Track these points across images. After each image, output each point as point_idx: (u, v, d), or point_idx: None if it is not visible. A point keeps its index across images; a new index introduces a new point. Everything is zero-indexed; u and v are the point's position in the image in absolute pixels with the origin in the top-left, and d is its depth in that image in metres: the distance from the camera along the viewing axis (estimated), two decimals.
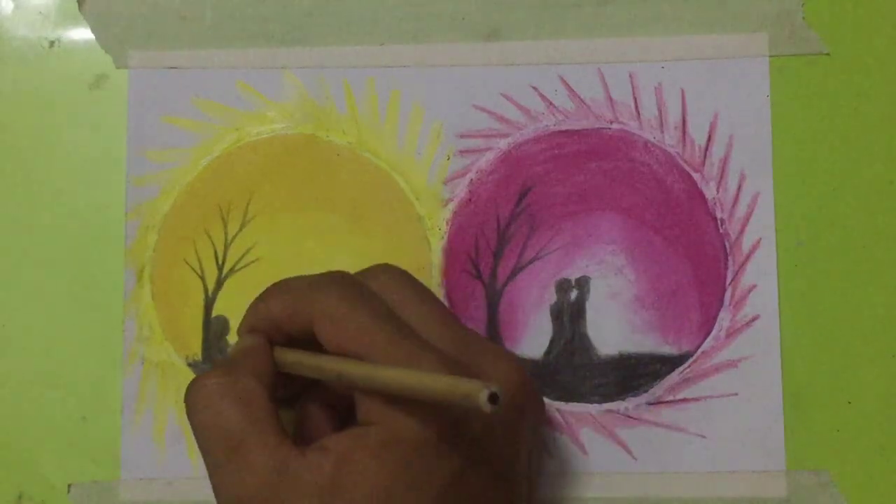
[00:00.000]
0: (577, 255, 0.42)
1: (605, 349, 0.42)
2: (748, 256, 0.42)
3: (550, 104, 0.43)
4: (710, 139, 0.42)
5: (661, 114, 0.43)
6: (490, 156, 0.43)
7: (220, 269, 0.43)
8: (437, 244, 0.43)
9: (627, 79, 0.43)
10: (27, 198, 0.44)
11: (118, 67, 0.44)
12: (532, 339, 0.42)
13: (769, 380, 0.41)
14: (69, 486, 0.42)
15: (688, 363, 0.42)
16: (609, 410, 0.42)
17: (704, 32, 0.43)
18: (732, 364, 0.41)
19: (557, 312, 0.42)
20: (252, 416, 0.33)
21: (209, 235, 0.43)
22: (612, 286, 0.42)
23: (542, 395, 0.41)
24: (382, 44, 0.43)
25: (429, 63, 0.43)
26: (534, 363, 0.42)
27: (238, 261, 0.43)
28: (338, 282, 0.35)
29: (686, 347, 0.42)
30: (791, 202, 0.42)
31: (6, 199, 0.44)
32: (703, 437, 0.41)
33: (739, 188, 0.42)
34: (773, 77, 0.42)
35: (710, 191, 0.42)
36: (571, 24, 0.43)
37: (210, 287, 0.43)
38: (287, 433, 0.33)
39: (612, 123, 0.43)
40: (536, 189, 0.43)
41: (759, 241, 0.42)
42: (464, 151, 0.43)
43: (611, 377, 0.42)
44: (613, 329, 0.42)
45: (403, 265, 0.37)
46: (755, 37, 0.43)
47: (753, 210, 0.42)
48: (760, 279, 0.42)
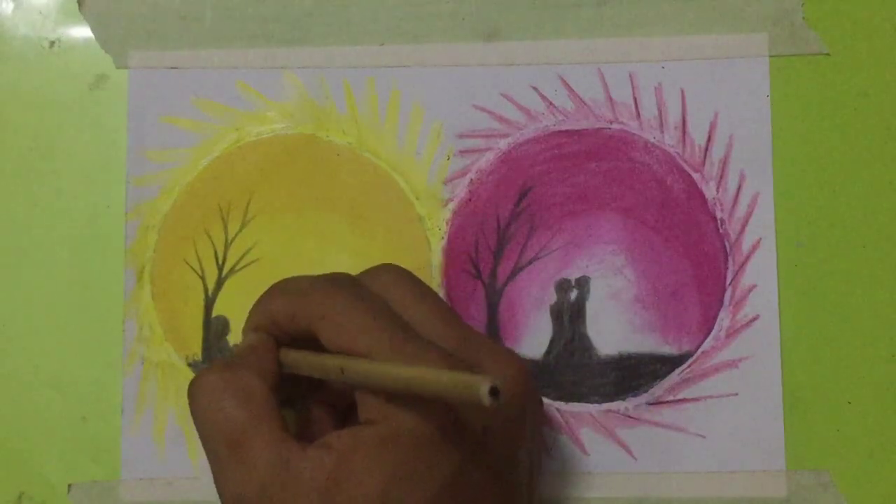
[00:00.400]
0: (577, 255, 0.42)
1: (605, 349, 0.42)
2: (748, 256, 0.42)
3: (550, 104, 0.43)
4: (710, 139, 0.42)
5: (661, 114, 0.43)
6: (490, 156, 0.43)
7: (221, 269, 0.43)
8: (437, 244, 0.43)
9: (627, 79, 0.43)
10: (27, 198, 0.44)
11: (118, 67, 0.44)
12: (532, 339, 0.42)
13: (769, 380, 0.41)
14: (69, 486, 0.42)
15: (688, 363, 0.42)
16: (609, 410, 0.42)
17: (704, 32, 0.43)
18: (732, 364, 0.41)
19: (557, 312, 0.42)
20: (254, 412, 0.33)
21: (209, 235, 0.43)
22: (612, 286, 0.42)
23: (542, 395, 0.42)
24: (382, 44, 0.43)
25: (429, 63, 0.43)
26: (534, 363, 0.42)
27: (238, 261, 0.43)
28: (338, 283, 0.35)
29: (686, 347, 0.42)
30: (791, 202, 0.42)
31: (6, 199, 0.44)
32: (703, 437, 0.41)
33: (739, 188, 0.42)
34: (773, 77, 0.42)
35: (710, 191, 0.42)
36: (571, 24, 0.43)
37: (210, 287, 0.43)
38: (289, 430, 0.34)
39: (612, 123, 0.43)
40: (536, 189, 0.43)
41: (759, 241, 0.42)
42: (464, 151, 0.43)
43: (611, 377, 0.42)
44: (613, 329, 0.42)
45: (403, 265, 0.37)
46: (755, 37, 0.43)
47: (753, 210, 0.42)
48: (760, 279, 0.42)
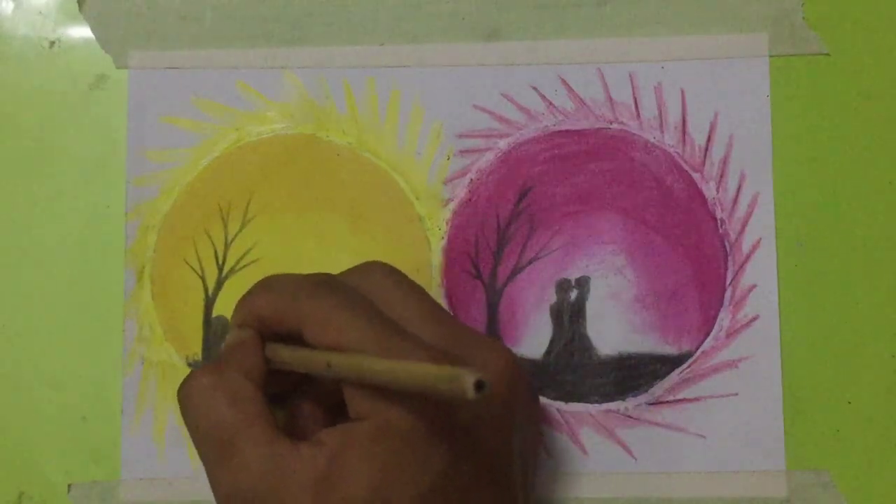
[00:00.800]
0: (577, 255, 0.42)
1: (605, 349, 0.42)
2: (748, 256, 0.42)
3: (550, 104, 0.43)
4: (710, 139, 0.42)
5: (661, 114, 0.43)
6: (490, 156, 0.43)
7: (221, 270, 0.43)
8: (437, 244, 0.43)
9: (627, 79, 0.43)
10: (27, 198, 0.44)
11: (118, 67, 0.44)
12: (532, 339, 0.42)
13: (769, 380, 0.41)
14: (69, 486, 0.42)
15: (688, 363, 0.42)
16: (609, 410, 0.42)
17: (704, 32, 0.43)
18: (732, 364, 0.41)
19: (557, 312, 0.42)
20: (243, 413, 0.33)
21: (209, 235, 0.43)
22: (612, 286, 0.42)
23: (542, 395, 0.41)
24: (382, 44, 0.43)
25: (429, 63, 0.43)
26: (534, 363, 0.42)
27: (238, 261, 0.43)
28: (323, 282, 0.35)
29: (686, 347, 0.42)
30: (791, 202, 0.42)
31: (6, 199, 0.44)
32: (703, 437, 0.41)
33: (739, 188, 0.42)
34: (773, 77, 0.42)
35: (710, 191, 0.42)
36: (571, 24, 0.43)
37: (210, 287, 0.43)
38: (279, 428, 0.34)
39: (612, 123, 0.43)
40: (536, 189, 0.43)
41: (759, 241, 0.42)
42: (464, 151, 0.43)
43: (611, 377, 0.42)
44: (613, 329, 0.42)
45: (403, 265, 0.37)
46: (755, 37, 0.43)
47: (753, 210, 0.42)
48: (760, 279, 0.42)
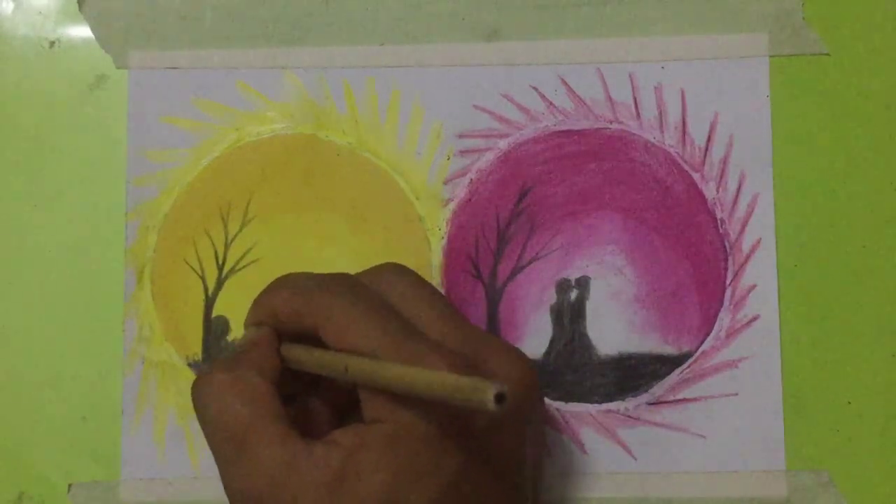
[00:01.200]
0: (577, 255, 0.42)
1: (605, 349, 0.42)
2: (748, 256, 0.42)
3: (550, 104, 0.43)
4: (710, 139, 0.42)
5: (661, 114, 0.43)
6: (490, 156, 0.43)
7: (221, 269, 0.43)
8: (437, 244, 0.43)
9: (627, 79, 0.43)
10: (27, 198, 0.44)
11: (118, 67, 0.44)
12: (532, 339, 0.42)
13: (769, 380, 0.41)
14: (69, 486, 0.42)
15: (688, 363, 0.42)
16: (609, 410, 0.42)
17: (704, 32, 0.43)
18: (732, 364, 0.41)
19: (557, 312, 0.42)
20: (258, 412, 0.33)
21: (209, 235, 0.43)
22: (612, 286, 0.42)
23: (542, 394, 0.42)
24: (382, 44, 0.43)
25: (429, 63, 0.43)
26: (534, 363, 0.42)
27: (238, 261, 0.43)
28: (342, 283, 0.35)
29: (686, 347, 0.42)
30: (791, 202, 0.42)
31: (6, 199, 0.44)
32: (703, 437, 0.41)
33: (739, 188, 0.42)
34: (773, 77, 0.42)
35: (710, 191, 0.42)
36: (571, 24, 0.43)
37: (210, 287, 0.43)
38: (294, 427, 0.34)
39: (612, 123, 0.43)
40: (536, 189, 0.43)
41: (759, 241, 0.42)
42: (464, 151, 0.43)
43: (611, 377, 0.42)
44: (613, 329, 0.42)
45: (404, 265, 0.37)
46: (755, 37, 0.43)
47: (753, 210, 0.42)
48: (760, 279, 0.42)
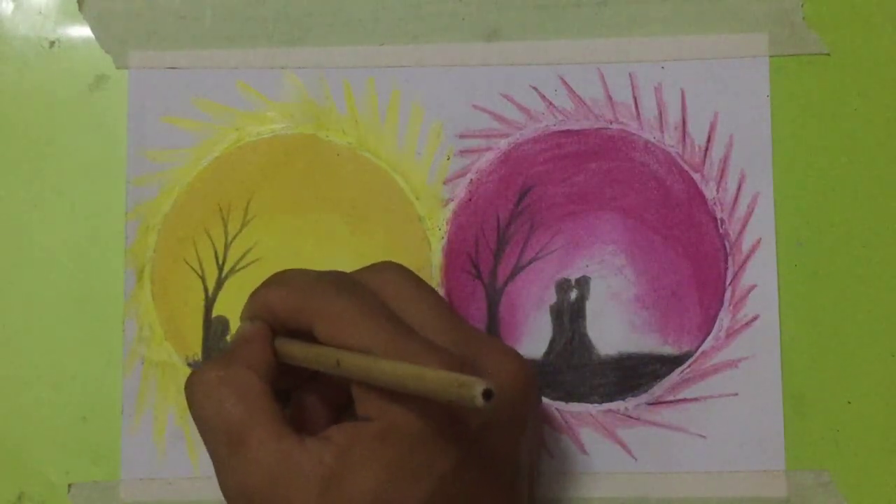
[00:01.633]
0: (577, 255, 0.42)
1: (605, 349, 0.42)
2: (748, 256, 0.42)
3: (550, 104, 0.43)
4: (710, 139, 0.42)
5: (661, 114, 0.43)
6: (490, 156, 0.43)
7: (221, 269, 0.43)
8: (437, 244, 0.43)
9: (627, 79, 0.43)
10: (27, 198, 0.44)
11: (118, 67, 0.44)
12: (532, 339, 0.42)
13: (769, 380, 0.41)
14: (69, 486, 0.42)
15: (688, 363, 0.42)
16: (609, 410, 0.42)
17: (704, 32, 0.43)
18: (732, 364, 0.41)
19: (557, 312, 0.42)
20: (252, 408, 0.33)
21: (209, 235, 0.43)
22: (612, 286, 0.42)
23: (542, 395, 0.42)
24: (382, 44, 0.43)
25: (429, 63, 0.43)
26: (534, 363, 0.42)
27: (238, 261, 0.43)
28: (337, 283, 0.35)
29: (686, 347, 0.42)
30: (791, 202, 0.42)
31: (6, 199, 0.44)
32: (703, 437, 0.41)
33: (739, 188, 0.42)
34: (773, 77, 0.42)
35: (710, 191, 0.42)
36: (571, 24, 0.43)
37: (210, 287, 0.43)
38: (288, 423, 0.34)
39: (612, 123, 0.43)
40: (536, 189, 0.43)
41: (759, 241, 0.42)
42: (464, 151, 0.43)
43: (611, 377, 0.42)
44: (613, 329, 0.42)
45: (403, 265, 0.37)
46: (755, 37, 0.43)
47: (753, 210, 0.42)
48: (760, 279, 0.42)
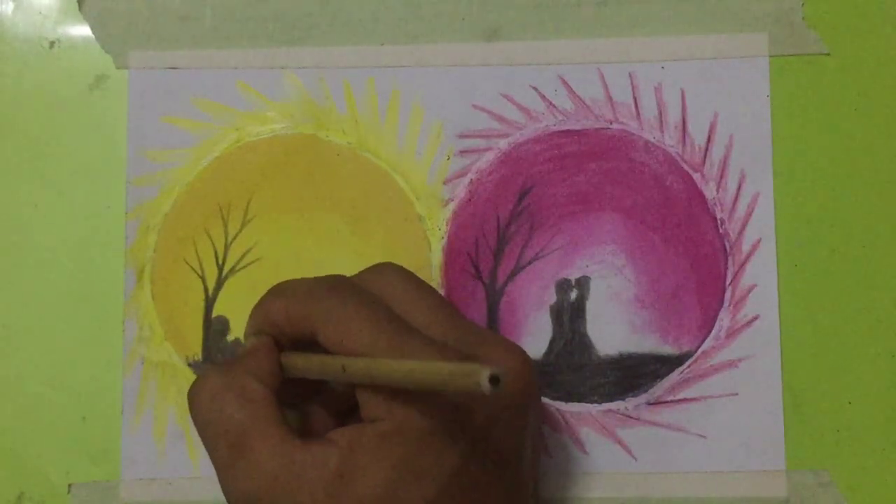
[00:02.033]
0: (577, 255, 0.42)
1: (605, 349, 0.42)
2: (748, 256, 0.42)
3: (550, 104, 0.43)
4: (710, 139, 0.42)
5: (661, 114, 0.43)
6: (490, 156, 0.43)
7: (221, 269, 0.43)
8: (437, 244, 0.43)
9: (627, 79, 0.43)
10: (27, 198, 0.44)
11: (118, 67, 0.44)
12: (532, 339, 0.42)
13: (769, 380, 0.41)
14: (69, 486, 0.42)
15: (688, 363, 0.42)
16: (609, 410, 0.42)
17: (704, 32, 0.43)
18: (732, 364, 0.41)
19: (557, 312, 0.42)
20: (255, 414, 0.33)
21: (209, 235, 0.43)
22: (612, 286, 0.42)
23: (542, 395, 0.42)
24: (382, 44, 0.43)
25: (429, 63, 0.43)
26: (534, 363, 0.42)
27: (238, 261, 0.43)
28: (337, 285, 0.35)
29: (686, 347, 0.42)
30: (791, 202, 0.42)
31: (6, 199, 0.44)
32: (703, 437, 0.41)
33: (739, 188, 0.42)
34: (773, 77, 0.42)
35: (710, 191, 0.42)
36: (571, 24, 0.43)
37: (210, 287, 0.43)
38: (291, 428, 0.34)
39: (612, 123, 0.43)
40: (536, 189, 0.43)
41: (759, 241, 0.42)
42: (464, 151, 0.43)
43: (611, 377, 0.42)
44: (613, 329, 0.42)
45: (403, 265, 0.37)
46: (755, 37, 0.43)
47: (753, 210, 0.42)
48: (760, 279, 0.42)
